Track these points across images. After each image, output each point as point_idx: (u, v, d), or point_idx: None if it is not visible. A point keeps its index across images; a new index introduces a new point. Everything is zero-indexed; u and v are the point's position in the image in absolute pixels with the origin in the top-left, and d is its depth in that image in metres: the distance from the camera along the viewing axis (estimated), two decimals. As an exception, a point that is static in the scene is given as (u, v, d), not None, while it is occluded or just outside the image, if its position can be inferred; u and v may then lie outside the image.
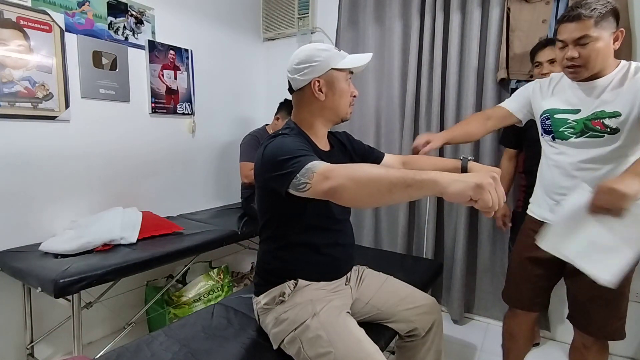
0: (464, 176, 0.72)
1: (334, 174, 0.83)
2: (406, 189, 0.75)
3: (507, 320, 1.48)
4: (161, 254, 1.66)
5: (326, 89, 1.10)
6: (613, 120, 1.12)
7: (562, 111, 1.23)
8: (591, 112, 1.16)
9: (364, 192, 0.79)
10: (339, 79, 1.11)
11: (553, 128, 1.25)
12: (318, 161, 0.89)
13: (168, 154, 2.34)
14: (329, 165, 0.86)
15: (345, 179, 0.80)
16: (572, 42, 1.11)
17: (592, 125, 1.16)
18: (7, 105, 1.62)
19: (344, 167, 0.84)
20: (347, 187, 0.80)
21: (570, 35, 1.10)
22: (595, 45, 1.08)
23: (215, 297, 2.12)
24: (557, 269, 1.30)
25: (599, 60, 1.11)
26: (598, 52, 1.09)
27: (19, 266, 1.49)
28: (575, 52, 1.10)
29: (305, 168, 0.87)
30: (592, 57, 1.09)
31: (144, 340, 1.14)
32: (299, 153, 0.92)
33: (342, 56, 1.12)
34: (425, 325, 1.21)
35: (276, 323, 1.09)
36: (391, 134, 2.40)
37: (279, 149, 0.97)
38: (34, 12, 1.68)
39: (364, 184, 0.79)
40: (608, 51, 1.11)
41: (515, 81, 1.95)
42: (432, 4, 2.17)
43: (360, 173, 0.80)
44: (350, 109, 1.17)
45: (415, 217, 2.39)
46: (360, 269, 1.32)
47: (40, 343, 1.78)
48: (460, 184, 0.71)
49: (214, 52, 2.60)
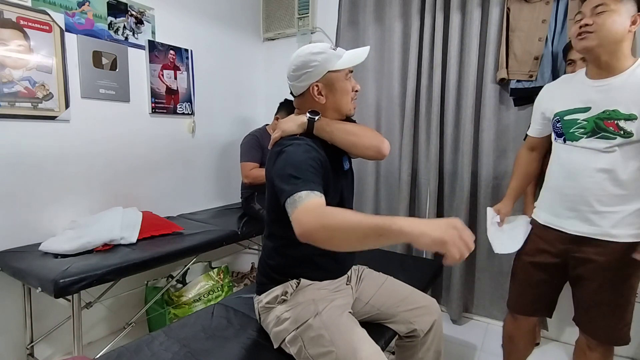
0: (430, 227, 0.73)
1: (308, 219, 0.83)
2: (379, 238, 0.77)
3: (507, 324, 1.47)
4: (161, 254, 1.66)
5: (326, 92, 1.10)
6: (629, 123, 1.08)
7: (571, 111, 1.20)
8: (602, 109, 1.12)
9: (336, 239, 0.81)
10: (338, 79, 1.10)
11: (564, 130, 1.22)
12: (307, 194, 0.88)
13: (168, 154, 2.34)
14: (308, 208, 0.86)
15: (319, 226, 0.82)
16: (590, 9, 1.10)
17: (605, 126, 1.12)
18: (7, 105, 1.62)
19: (320, 213, 0.84)
20: (319, 234, 0.82)
21: (590, 4, 1.10)
22: (612, 15, 1.07)
23: (215, 297, 2.12)
24: (560, 275, 1.29)
25: (612, 33, 1.08)
26: (613, 23, 1.07)
27: (19, 266, 1.49)
28: (590, 20, 1.09)
29: (298, 196, 0.88)
30: (606, 25, 1.07)
31: (144, 340, 1.14)
32: (303, 175, 0.93)
33: (338, 56, 1.10)
34: (425, 326, 1.21)
35: (277, 322, 1.09)
36: (391, 134, 2.40)
37: (290, 159, 0.98)
38: (34, 12, 1.68)
39: (336, 233, 0.80)
40: (623, 28, 1.08)
41: (515, 81, 1.95)
42: (432, 4, 2.17)
43: (334, 221, 0.81)
44: (353, 104, 1.16)
45: (415, 217, 2.39)
46: (360, 269, 1.32)
47: (40, 343, 1.78)
48: (427, 239, 0.72)
49: (214, 52, 2.60)
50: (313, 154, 1.01)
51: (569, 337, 1.99)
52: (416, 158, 2.35)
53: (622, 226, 1.14)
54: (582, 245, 1.20)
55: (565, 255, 1.25)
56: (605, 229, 1.16)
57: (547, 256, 1.29)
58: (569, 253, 1.24)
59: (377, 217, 0.78)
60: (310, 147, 1.03)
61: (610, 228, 1.15)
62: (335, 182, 1.12)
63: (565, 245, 1.24)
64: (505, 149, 2.09)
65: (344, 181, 1.18)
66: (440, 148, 2.25)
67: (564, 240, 1.24)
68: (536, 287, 1.33)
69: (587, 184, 1.17)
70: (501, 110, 2.09)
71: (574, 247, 1.22)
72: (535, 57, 1.89)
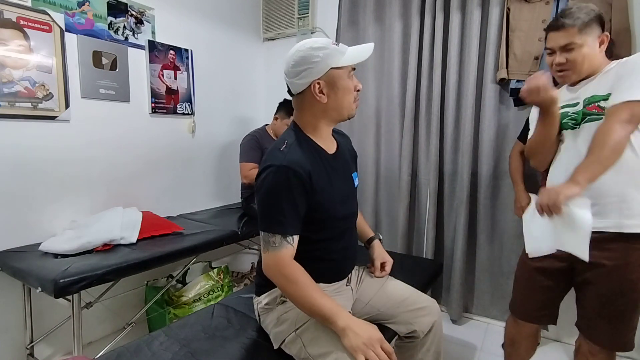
0: (361, 333, 0.92)
1: (273, 272, 1.01)
2: (322, 321, 0.97)
3: (509, 327, 1.45)
4: (161, 254, 1.66)
5: (328, 90, 1.05)
6: (607, 102, 1.13)
7: (563, 106, 1.25)
8: (583, 98, 1.19)
9: (290, 298, 1.01)
10: (341, 77, 1.06)
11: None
12: (280, 242, 0.99)
13: (168, 154, 2.34)
14: (277, 261, 1.00)
15: (280, 285, 1.02)
16: (558, 49, 1.18)
17: (589, 111, 1.17)
18: (7, 105, 1.62)
19: (286, 275, 0.99)
20: (279, 286, 1.03)
21: (556, 43, 1.18)
22: (580, 50, 1.15)
23: (215, 297, 2.12)
24: (565, 280, 1.27)
25: (585, 64, 1.17)
26: (584, 57, 1.16)
27: (19, 266, 1.49)
28: (562, 58, 1.18)
29: (272, 240, 1.00)
30: (579, 61, 1.16)
31: (144, 340, 1.14)
32: (280, 214, 0.99)
33: (342, 52, 1.05)
34: (425, 327, 1.21)
35: (277, 323, 1.09)
36: (391, 134, 2.40)
37: (269, 191, 1.00)
38: (34, 12, 1.68)
39: (291, 297, 1.00)
40: (594, 55, 1.17)
41: (515, 81, 1.95)
42: (432, 4, 2.17)
43: (293, 290, 0.98)
44: (355, 104, 1.12)
45: (415, 217, 2.39)
46: (360, 269, 1.32)
47: (40, 343, 1.78)
48: (357, 342, 0.91)
49: (214, 52, 2.60)
50: (292, 184, 0.98)
51: (569, 337, 1.99)
52: (416, 158, 2.35)
53: (634, 216, 1.10)
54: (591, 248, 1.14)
55: (572, 259, 1.17)
56: (616, 220, 1.12)
57: (553, 260, 1.23)
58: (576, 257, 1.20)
59: (328, 304, 0.95)
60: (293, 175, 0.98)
61: (621, 218, 1.12)
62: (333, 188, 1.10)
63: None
64: (505, 149, 2.09)
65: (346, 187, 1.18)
66: (440, 148, 2.25)
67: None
68: (541, 294, 1.31)
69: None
70: (501, 110, 2.09)
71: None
72: (535, 57, 1.89)
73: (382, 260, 1.31)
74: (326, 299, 0.96)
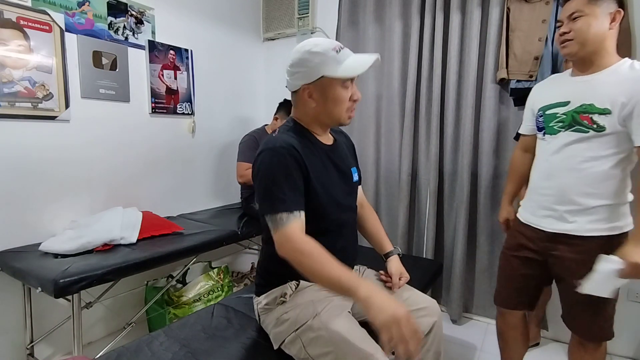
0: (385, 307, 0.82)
1: (286, 248, 0.95)
2: (342, 292, 0.89)
3: (497, 320, 1.50)
4: (161, 254, 1.66)
5: (317, 96, 1.04)
6: (602, 117, 1.10)
7: (552, 106, 1.23)
8: (580, 103, 1.14)
9: (306, 273, 0.93)
10: (333, 86, 1.02)
11: (545, 124, 1.26)
12: (287, 217, 0.95)
13: (168, 154, 2.34)
14: (288, 235, 0.94)
15: (296, 261, 0.94)
16: (566, 17, 1.14)
17: (580, 119, 1.14)
18: (7, 105, 1.62)
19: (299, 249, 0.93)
20: (294, 262, 0.94)
21: (565, 12, 1.14)
22: (587, 19, 1.09)
23: (215, 297, 2.12)
24: (542, 271, 1.31)
25: (590, 36, 1.10)
26: (589, 27, 1.09)
27: (19, 266, 1.49)
28: (567, 27, 1.13)
29: (279, 217, 0.95)
30: (583, 29, 1.10)
31: (144, 340, 1.14)
32: (280, 192, 0.96)
33: (339, 61, 1.00)
34: (425, 328, 1.20)
35: (277, 323, 1.09)
36: (391, 133, 2.40)
37: (266, 173, 0.99)
38: (34, 12, 1.68)
39: (307, 270, 0.93)
40: (601, 29, 1.10)
41: (515, 81, 1.95)
42: (432, 4, 2.17)
43: (306, 263, 0.92)
44: (349, 113, 1.08)
45: (415, 217, 2.39)
46: (360, 269, 1.32)
47: (40, 343, 1.78)
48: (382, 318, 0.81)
49: (214, 52, 2.60)
50: (288, 163, 0.98)
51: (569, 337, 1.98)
52: (416, 158, 2.35)
53: (597, 221, 1.16)
54: (559, 243, 1.22)
55: (545, 253, 1.27)
56: (580, 225, 1.18)
57: (528, 252, 1.31)
58: (548, 251, 1.26)
59: (347, 274, 0.89)
60: (287, 154, 0.99)
61: (585, 224, 1.17)
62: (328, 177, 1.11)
63: (543, 243, 1.26)
64: (505, 149, 2.09)
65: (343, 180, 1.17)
66: (440, 148, 2.25)
67: (542, 239, 1.26)
68: (519, 280, 1.35)
69: (562, 180, 1.19)
70: (501, 110, 2.09)
71: (552, 246, 1.24)
72: (535, 57, 1.89)
73: (400, 276, 1.27)
74: (344, 269, 0.90)
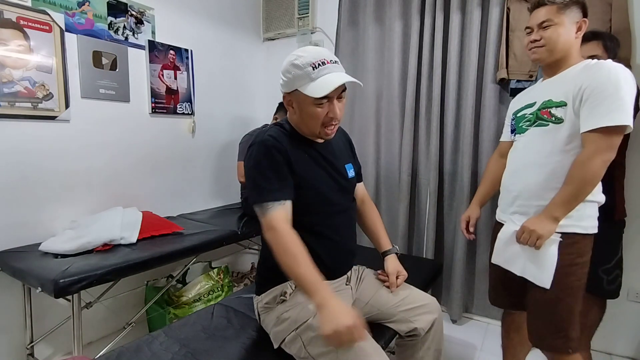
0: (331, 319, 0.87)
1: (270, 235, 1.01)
2: (302, 289, 0.98)
3: (502, 318, 1.52)
4: (161, 254, 1.66)
5: (296, 106, 1.08)
6: (559, 109, 1.15)
7: (522, 108, 1.30)
8: (542, 101, 1.21)
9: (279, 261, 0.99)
10: (306, 102, 1.03)
11: (515, 125, 1.32)
12: (272, 206, 1.01)
13: (168, 154, 2.34)
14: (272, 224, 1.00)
15: (275, 248, 1.00)
16: (536, 25, 1.19)
17: (541, 115, 1.20)
18: (7, 105, 1.62)
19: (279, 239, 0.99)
20: (272, 250, 1.00)
21: (535, 20, 1.20)
22: (557, 29, 1.15)
23: (215, 297, 2.12)
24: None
25: (559, 44, 1.16)
26: (559, 35, 1.15)
27: (19, 266, 1.49)
28: (537, 35, 1.19)
29: (266, 206, 1.01)
30: (553, 38, 1.16)
31: (144, 340, 1.14)
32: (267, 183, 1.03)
33: (311, 79, 1.00)
34: (426, 325, 1.21)
35: (277, 322, 1.09)
36: (391, 133, 2.40)
37: (254, 164, 1.05)
38: (34, 12, 1.68)
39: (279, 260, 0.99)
40: (569, 37, 1.16)
41: (515, 81, 1.95)
42: (432, 4, 2.17)
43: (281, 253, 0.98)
44: (326, 130, 1.08)
45: (415, 217, 2.39)
46: (360, 269, 1.32)
47: (40, 343, 1.78)
48: (326, 329, 0.87)
49: (214, 52, 2.60)
50: (274, 154, 1.04)
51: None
52: (416, 158, 2.35)
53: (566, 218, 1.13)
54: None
55: None
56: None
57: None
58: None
59: (312, 276, 0.94)
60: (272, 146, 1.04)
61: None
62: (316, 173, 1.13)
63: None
64: (505, 149, 2.09)
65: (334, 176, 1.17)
66: (440, 148, 2.25)
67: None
68: (507, 283, 1.34)
69: (526, 175, 1.22)
70: (501, 110, 2.08)
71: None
72: (535, 57, 1.89)
73: (398, 274, 1.28)
74: (312, 272, 0.94)
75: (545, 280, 1.14)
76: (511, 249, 1.23)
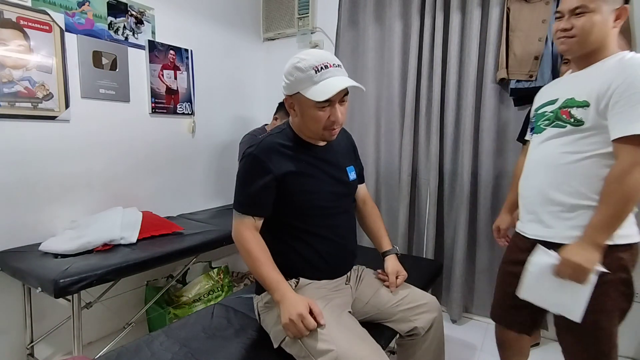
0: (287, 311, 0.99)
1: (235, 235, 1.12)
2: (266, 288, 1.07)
3: (496, 330, 1.39)
4: (161, 254, 1.66)
5: (297, 109, 1.07)
6: (580, 110, 1.02)
7: (543, 105, 1.17)
8: (564, 99, 1.08)
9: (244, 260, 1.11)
10: (308, 106, 1.03)
11: (535, 123, 1.20)
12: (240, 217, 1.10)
13: (168, 154, 2.34)
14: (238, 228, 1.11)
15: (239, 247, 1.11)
16: (568, 11, 1.03)
17: (560, 115, 1.07)
18: (7, 105, 1.62)
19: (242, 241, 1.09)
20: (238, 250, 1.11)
21: (567, 5, 1.03)
22: (591, 17, 1.00)
23: (215, 297, 2.12)
24: None
25: (593, 35, 1.01)
26: (593, 25, 1.00)
27: (19, 266, 1.49)
28: (568, 23, 1.03)
29: (237, 214, 1.11)
30: (586, 28, 1.00)
31: (144, 340, 1.14)
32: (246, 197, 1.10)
33: (314, 82, 0.99)
34: (426, 324, 1.21)
35: (277, 321, 1.08)
36: (391, 134, 2.40)
37: (238, 175, 1.12)
38: (34, 12, 1.68)
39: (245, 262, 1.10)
40: (605, 28, 1.01)
41: (515, 81, 1.95)
42: (432, 4, 2.17)
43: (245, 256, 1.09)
44: (328, 132, 1.08)
45: (415, 217, 2.39)
46: (359, 269, 1.32)
47: (40, 343, 1.78)
48: (283, 320, 1.00)
49: (214, 52, 2.60)
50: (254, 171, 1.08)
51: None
52: (416, 158, 2.35)
53: (577, 228, 1.03)
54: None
55: None
56: (558, 231, 1.07)
57: (522, 267, 1.14)
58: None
59: (272, 276, 1.04)
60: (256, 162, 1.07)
61: (564, 230, 1.06)
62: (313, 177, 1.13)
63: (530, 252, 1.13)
64: (505, 149, 2.09)
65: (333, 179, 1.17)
66: (440, 148, 2.25)
67: (529, 247, 1.13)
68: (514, 298, 1.18)
69: (539, 178, 1.11)
70: (501, 110, 2.09)
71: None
72: (535, 57, 1.89)
73: (397, 274, 1.27)
74: (273, 272, 1.05)
75: (578, 314, 1.01)
76: (546, 285, 1.05)
